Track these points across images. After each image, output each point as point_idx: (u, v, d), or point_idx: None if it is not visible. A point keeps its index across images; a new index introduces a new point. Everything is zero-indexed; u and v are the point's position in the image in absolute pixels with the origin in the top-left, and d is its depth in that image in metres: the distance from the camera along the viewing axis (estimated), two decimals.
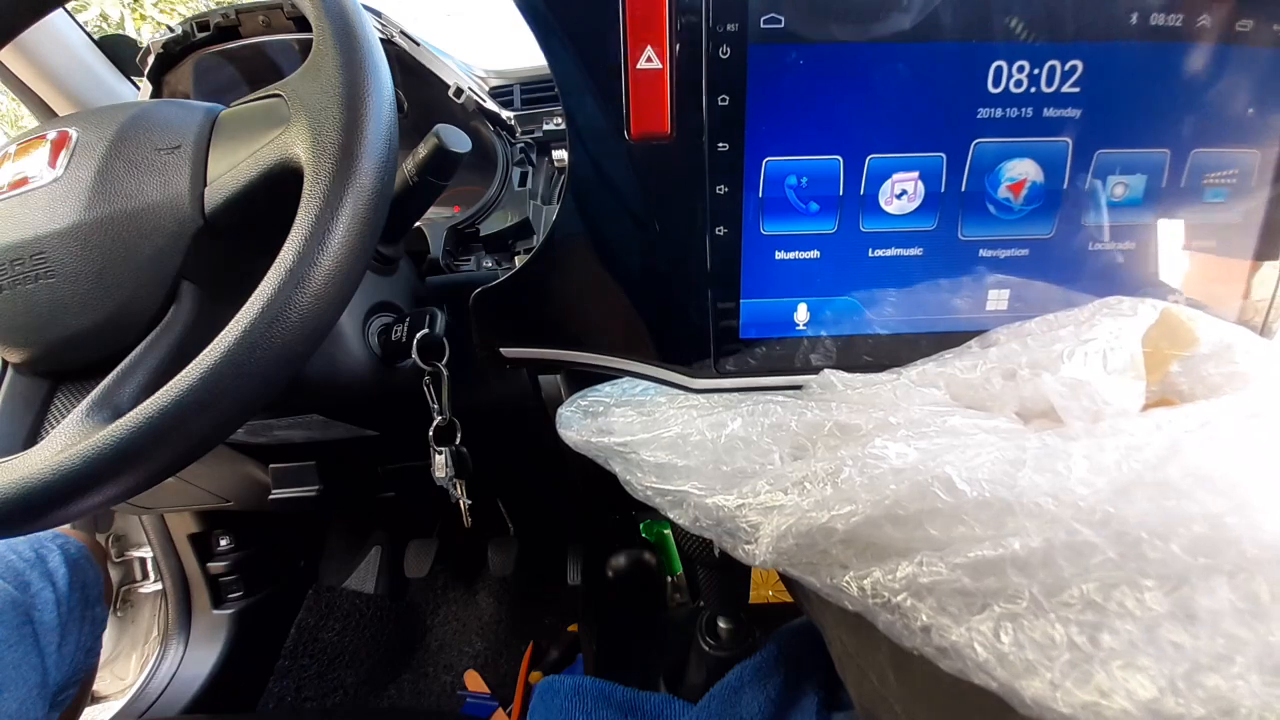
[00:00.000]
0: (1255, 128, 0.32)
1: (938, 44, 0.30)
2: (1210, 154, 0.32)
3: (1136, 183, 0.32)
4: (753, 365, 0.34)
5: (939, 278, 0.33)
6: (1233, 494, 0.21)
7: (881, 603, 0.24)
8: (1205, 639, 0.19)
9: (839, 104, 0.31)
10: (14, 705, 0.51)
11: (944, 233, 0.33)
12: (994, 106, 0.31)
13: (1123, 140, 0.32)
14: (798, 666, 0.51)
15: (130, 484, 0.31)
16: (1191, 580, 0.20)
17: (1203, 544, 0.20)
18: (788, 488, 0.27)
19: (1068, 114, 0.31)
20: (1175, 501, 0.21)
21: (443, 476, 0.45)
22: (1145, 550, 0.21)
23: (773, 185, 0.32)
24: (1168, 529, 0.21)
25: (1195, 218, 0.33)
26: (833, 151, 0.32)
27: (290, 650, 0.99)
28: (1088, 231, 0.33)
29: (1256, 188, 0.33)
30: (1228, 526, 0.20)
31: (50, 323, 0.37)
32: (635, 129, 0.31)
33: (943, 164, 0.32)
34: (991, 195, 0.32)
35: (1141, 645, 0.20)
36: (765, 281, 0.33)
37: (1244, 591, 0.19)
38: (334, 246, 0.32)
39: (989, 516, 0.23)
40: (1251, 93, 0.31)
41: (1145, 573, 0.20)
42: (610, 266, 0.34)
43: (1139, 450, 0.23)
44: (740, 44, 0.30)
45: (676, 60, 0.30)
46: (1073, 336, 0.29)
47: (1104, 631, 0.20)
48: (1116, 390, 0.27)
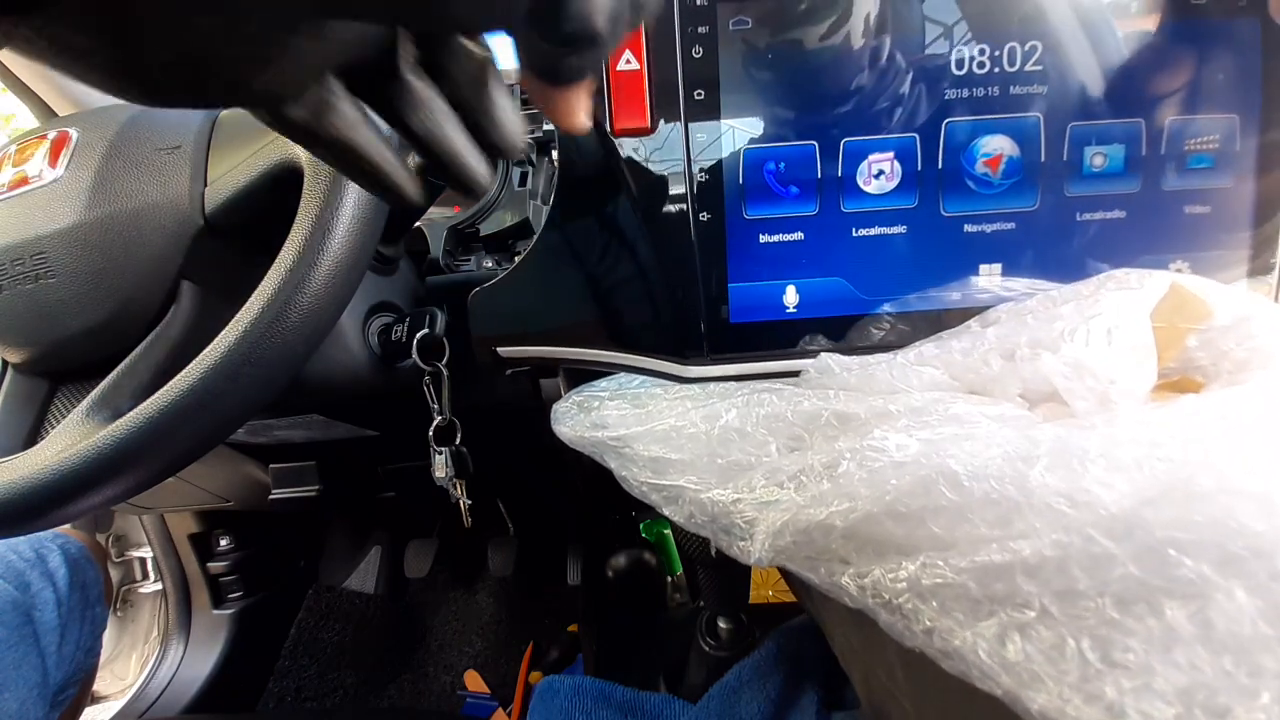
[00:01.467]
0: (1228, 94, 0.32)
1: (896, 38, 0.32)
2: (1185, 121, 0.33)
3: (1115, 152, 0.33)
4: (746, 351, 0.35)
5: (926, 255, 0.34)
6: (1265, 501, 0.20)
7: (882, 602, 0.23)
8: (1230, 666, 0.18)
9: (808, 94, 0.33)
10: (14, 705, 0.51)
11: (926, 210, 0.34)
12: (960, 88, 0.33)
13: (1092, 113, 0.33)
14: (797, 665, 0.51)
15: (130, 484, 0.31)
16: (1217, 600, 0.19)
17: (1232, 561, 0.19)
18: (783, 482, 0.27)
19: (1035, 90, 0.32)
20: (1202, 512, 0.20)
21: (443, 476, 0.45)
22: (1170, 567, 0.19)
23: (752, 171, 0.34)
24: (1196, 545, 0.19)
25: (1183, 184, 0.33)
26: (808, 137, 0.33)
27: (290, 650, 0.99)
28: (1073, 202, 0.33)
29: (1242, 152, 0.33)
30: (1259, 536, 0.19)
31: (50, 323, 0.37)
32: (617, 125, 0.33)
33: (916, 143, 0.33)
34: (969, 171, 0.33)
35: (1159, 667, 0.18)
36: (752, 265, 0.34)
37: (1275, 616, 0.18)
38: (334, 246, 0.32)
39: (996, 516, 0.22)
40: (1216, 61, 0.32)
41: (1170, 591, 0.19)
42: (600, 260, 0.35)
43: (1160, 447, 0.22)
44: (711, 44, 0.32)
45: (653, 61, 0.32)
46: (1076, 313, 0.28)
47: (1118, 648, 0.19)
48: (1124, 370, 0.27)
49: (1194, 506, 0.20)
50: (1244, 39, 0.32)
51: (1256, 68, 0.32)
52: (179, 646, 0.91)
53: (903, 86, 0.33)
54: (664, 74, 0.32)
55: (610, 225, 0.35)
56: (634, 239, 0.34)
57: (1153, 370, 0.27)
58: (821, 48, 0.32)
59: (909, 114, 0.33)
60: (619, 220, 0.34)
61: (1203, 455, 0.21)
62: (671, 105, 0.33)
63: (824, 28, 0.32)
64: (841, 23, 0.32)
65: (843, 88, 0.33)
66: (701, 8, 0.32)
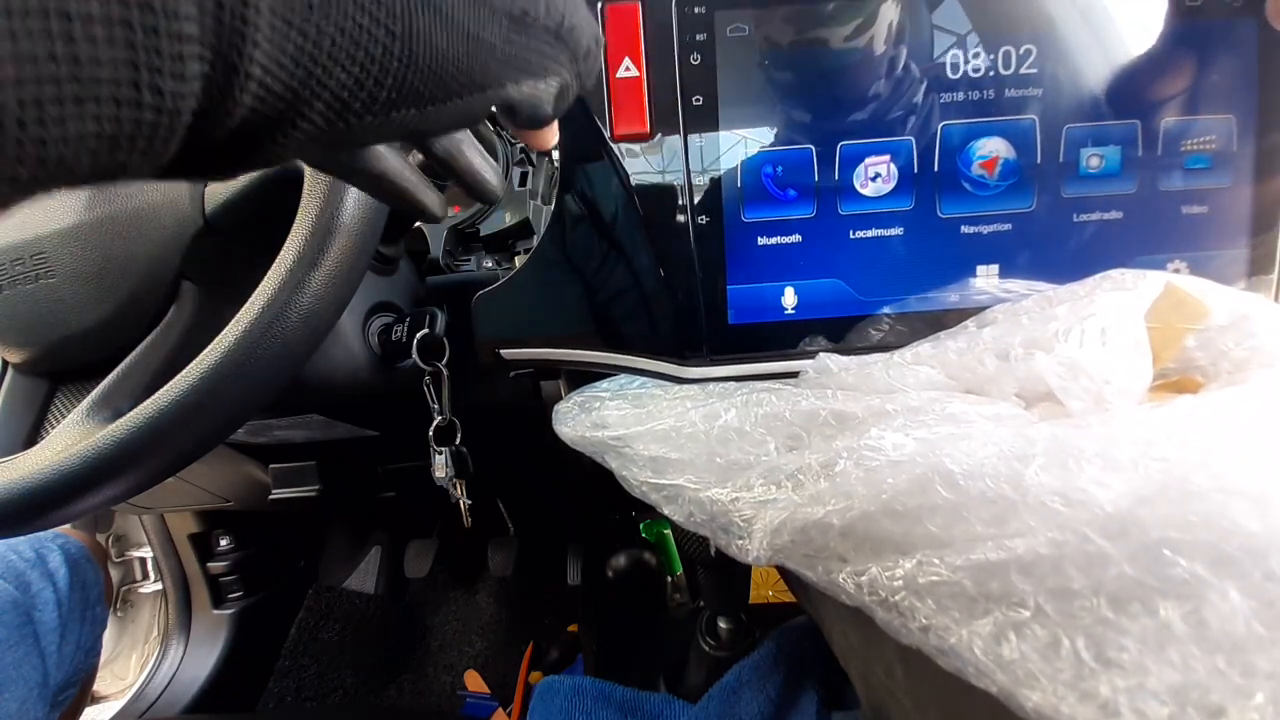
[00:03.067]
0: (1225, 94, 0.32)
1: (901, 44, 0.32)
2: (1182, 121, 0.33)
3: (1111, 154, 0.33)
4: (745, 352, 0.35)
5: (924, 256, 0.34)
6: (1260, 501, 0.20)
7: (879, 600, 0.23)
8: (1224, 666, 0.18)
9: (805, 98, 0.33)
10: (14, 705, 0.51)
11: (922, 211, 0.34)
12: (956, 91, 0.33)
13: (1088, 114, 0.33)
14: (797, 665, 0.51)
15: (130, 484, 0.31)
16: (1212, 600, 0.19)
17: (1227, 561, 0.19)
18: (781, 481, 0.27)
19: (1030, 93, 0.33)
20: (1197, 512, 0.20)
21: (443, 476, 0.45)
22: (1165, 567, 0.19)
23: (750, 175, 0.34)
24: (1191, 545, 0.19)
25: (1180, 184, 0.33)
26: (805, 141, 0.33)
27: (290, 650, 0.99)
28: (1070, 203, 0.34)
29: (1240, 152, 0.33)
30: (1254, 536, 0.19)
31: (50, 323, 0.37)
32: (617, 131, 0.33)
33: (912, 146, 0.33)
34: (965, 173, 0.33)
35: (1153, 666, 0.19)
36: (750, 267, 0.35)
37: (1269, 616, 0.18)
38: (334, 247, 0.32)
39: (992, 514, 0.22)
40: (1213, 62, 0.32)
41: (1164, 591, 0.19)
42: (601, 264, 0.35)
43: (1156, 446, 0.22)
44: (709, 50, 0.32)
45: (652, 68, 0.33)
46: (1071, 313, 0.28)
47: (1112, 647, 0.19)
48: (1119, 370, 0.27)
49: (1189, 506, 0.20)
50: (1241, 39, 0.32)
51: (1254, 68, 0.32)
52: (179, 646, 0.91)
53: (900, 90, 0.33)
54: (663, 81, 0.33)
55: (610, 230, 0.35)
56: (634, 243, 0.35)
57: (1148, 370, 0.27)
58: (818, 53, 0.32)
59: (905, 117, 0.33)
60: (619, 225, 0.35)
61: (1199, 455, 0.21)
62: (670, 111, 0.33)
63: (820, 34, 0.32)
64: (839, 29, 0.32)
65: (840, 92, 0.33)
66: (699, 15, 0.32)
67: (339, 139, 0.16)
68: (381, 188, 0.25)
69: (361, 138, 0.16)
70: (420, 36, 0.15)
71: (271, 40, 0.13)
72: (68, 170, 0.12)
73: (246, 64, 0.13)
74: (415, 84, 0.16)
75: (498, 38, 0.17)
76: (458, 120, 0.18)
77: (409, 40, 0.15)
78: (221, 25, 0.12)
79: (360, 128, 0.16)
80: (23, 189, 0.11)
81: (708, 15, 0.32)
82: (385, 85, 0.15)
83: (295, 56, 0.14)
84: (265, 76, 0.13)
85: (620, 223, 0.35)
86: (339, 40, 0.14)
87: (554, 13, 0.18)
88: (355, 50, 0.15)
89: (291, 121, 0.15)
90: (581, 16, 0.20)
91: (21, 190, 0.11)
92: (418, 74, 0.16)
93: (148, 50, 0.11)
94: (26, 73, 0.10)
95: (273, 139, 0.15)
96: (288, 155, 0.16)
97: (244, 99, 0.13)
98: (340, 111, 0.15)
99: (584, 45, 0.20)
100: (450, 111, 0.17)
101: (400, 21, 0.15)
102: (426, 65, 0.16)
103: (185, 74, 0.12)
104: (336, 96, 0.15)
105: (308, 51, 0.14)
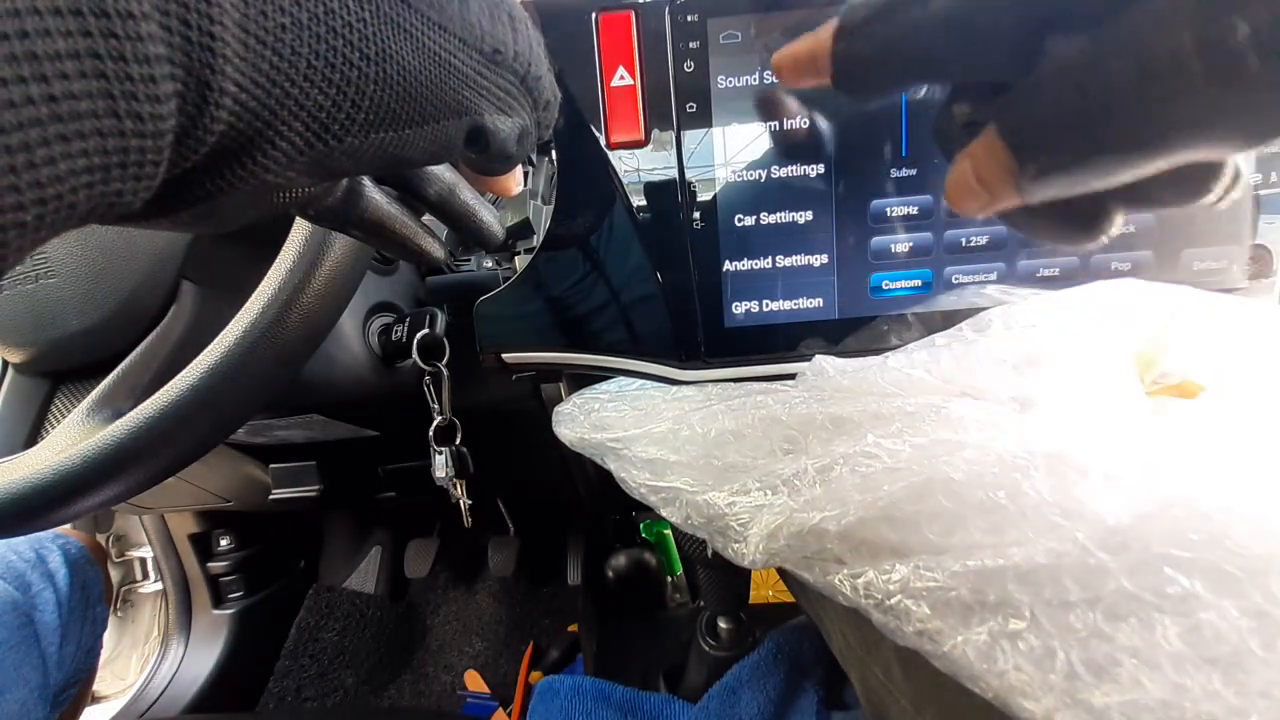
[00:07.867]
0: None
1: None
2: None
3: None
4: (742, 354, 0.35)
5: (921, 257, 0.34)
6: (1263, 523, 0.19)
7: (875, 603, 0.23)
8: (1219, 685, 0.18)
9: (797, 106, 0.33)
10: (15, 706, 0.51)
11: (921, 213, 0.34)
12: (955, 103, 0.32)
13: None
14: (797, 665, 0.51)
15: (130, 484, 0.31)
16: (1210, 619, 0.19)
17: (1227, 581, 0.19)
18: (777, 485, 0.27)
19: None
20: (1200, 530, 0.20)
21: (443, 476, 0.45)
22: (1164, 583, 0.19)
23: (744, 180, 0.34)
24: (1191, 563, 0.19)
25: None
26: (799, 146, 0.33)
27: (290, 650, 0.99)
28: None
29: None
30: (1256, 559, 0.19)
31: (50, 323, 0.37)
32: (612, 138, 0.34)
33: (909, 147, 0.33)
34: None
35: (1148, 682, 0.18)
36: (746, 270, 0.35)
37: (1266, 636, 0.18)
38: (334, 247, 0.32)
39: (990, 523, 0.22)
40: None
41: (1162, 607, 0.19)
42: (600, 269, 0.35)
43: (1156, 459, 0.22)
44: (703, 58, 0.33)
45: (646, 76, 0.33)
46: (1066, 318, 0.28)
47: (1107, 660, 0.19)
48: (1114, 376, 0.27)
49: (1192, 524, 0.20)
50: None
51: None
52: (179, 646, 0.92)
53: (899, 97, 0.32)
54: (657, 88, 0.33)
55: (608, 235, 0.35)
56: (632, 248, 0.35)
57: (1144, 377, 0.27)
58: None
59: (903, 121, 0.33)
60: (617, 230, 0.35)
61: (1202, 471, 0.21)
62: (665, 118, 0.33)
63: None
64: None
65: (833, 99, 0.33)
66: (693, 23, 0.32)
67: (321, 160, 0.16)
68: (381, 235, 0.25)
69: (345, 162, 0.17)
70: (392, 58, 0.16)
71: (244, 58, 0.14)
72: (69, 208, 0.12)
73: (220, 79, 0.13)
74: (391, 104, 0.17)
75: (469, 68, 0.18)
76: (436, 144, 0.19)
77: (382, 61, 0.16)
78: (190, 43, 0.13)
79: (341, 150, 0.16)
80: (31, 233, 0.12)
81: (701, 23, 0.32)
82: (362, 106, 0.16)
83: (270, 75, 0.14)
84: (240, 93, 0.14)
85: (617, 228, 0.35)
86: (314, 62, 0.15)
87: (521, 60, 0.20)
88: (330, 71, 0.15)
89: (270, 140, 0.15)
90: (545, 70, 0.21)
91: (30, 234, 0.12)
92: (393, 94, 0.16)
93: (119, 78, 0.12)
94: (7, 120, 0.10)
95: (253, 158, 0.15)
96: (276, 178, 0.16)
97: (220, 114, 0.14)
98: (319, 132, 0.16)
99: (545, 96, 0.21)
100: (428, 135, 0.18)
101: (372, 44, 0.16)
102: (400, 85, 0.17)
103: (159, 94, 0.12)
104: (315, 116, 0.15)
105: (283, 70, 0.14)
